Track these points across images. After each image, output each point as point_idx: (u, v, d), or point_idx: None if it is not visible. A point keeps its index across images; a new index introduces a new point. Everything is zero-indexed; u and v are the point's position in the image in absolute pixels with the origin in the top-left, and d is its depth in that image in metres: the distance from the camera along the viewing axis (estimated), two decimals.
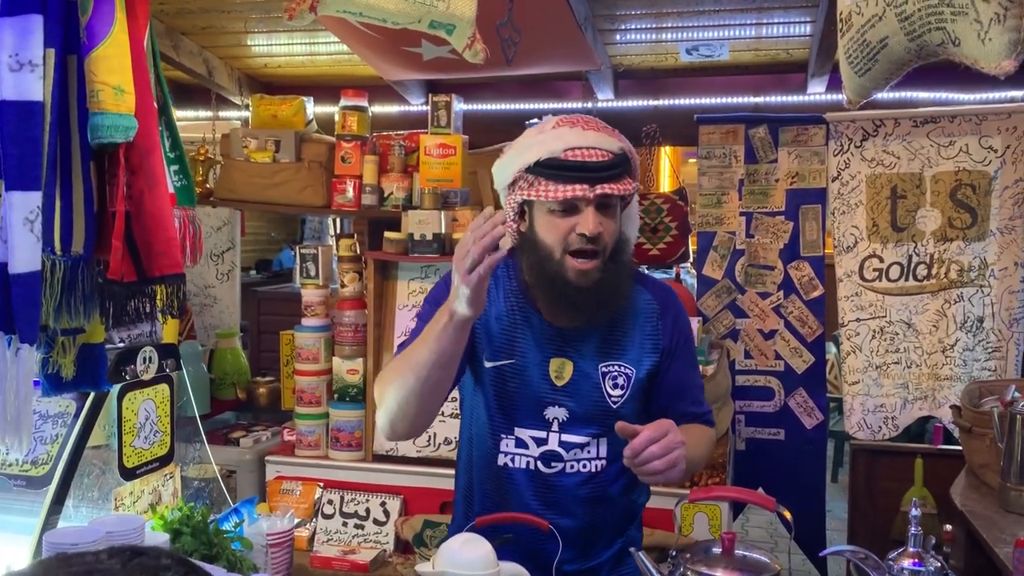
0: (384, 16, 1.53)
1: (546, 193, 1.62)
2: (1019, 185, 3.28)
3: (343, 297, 3.21)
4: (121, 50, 1.30)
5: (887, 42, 1.35)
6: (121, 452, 1.51)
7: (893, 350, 3.46)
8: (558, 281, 1.66)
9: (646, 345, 1.75)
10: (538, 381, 1.72)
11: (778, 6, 3.18)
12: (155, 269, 1.39)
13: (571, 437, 1.72)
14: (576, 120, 1.69)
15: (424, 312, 1.75)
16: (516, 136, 3.74)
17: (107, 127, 1.29)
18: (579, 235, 1.62)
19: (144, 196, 1.36)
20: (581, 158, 1.61)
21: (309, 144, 3.58)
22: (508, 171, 1.71)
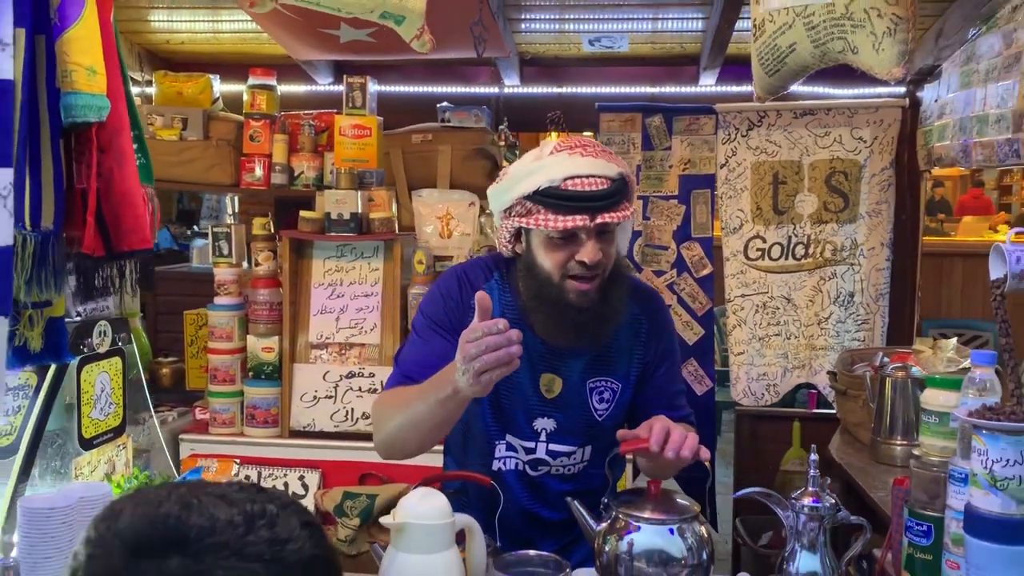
0: (340, 6, 1.61)
1: (546, 223, 1.61)
2: (885, 173, 3.63)
3: (257, 276, 3.24)
4: (92, 32, 1.34)
5: (795, 47, 1.55)
6: (80, 423, 1.54)
7: (774, 323, 3.77)
8: (559, 304, 1.68)
9: (633, 359, 1.82)
10: (529, 394, 1.78)
11: (674, 3, 3.40)
12: (124, 244, 1.43)
13: (558, 447, 1.80)
14: (575, 145, 1.68)
15: (419, 324, 1.78)
16: (428, 118, 3.84)
17: (81, 107, 1.32)
18: (579, 263, 1.65)
19: (114, 174, 1.40)
20: (581, 187, 1.60)
21: (217, 122, 3.57)
22: (506, 197, 1.70)
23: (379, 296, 3.20)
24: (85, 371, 1.57)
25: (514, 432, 1.80)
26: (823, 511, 1.62)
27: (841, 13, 1.43)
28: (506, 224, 1.73)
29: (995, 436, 1.34)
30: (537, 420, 1.80)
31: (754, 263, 3.78)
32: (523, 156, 1.75)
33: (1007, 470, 1.33)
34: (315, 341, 3.25)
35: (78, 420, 1.55)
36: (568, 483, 1.85)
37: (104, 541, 0.74)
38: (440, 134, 3.55)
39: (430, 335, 1.75)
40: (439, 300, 1.77)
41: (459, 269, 1.86)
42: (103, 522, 0.75)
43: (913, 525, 1.61)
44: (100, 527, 0.75)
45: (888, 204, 3.64)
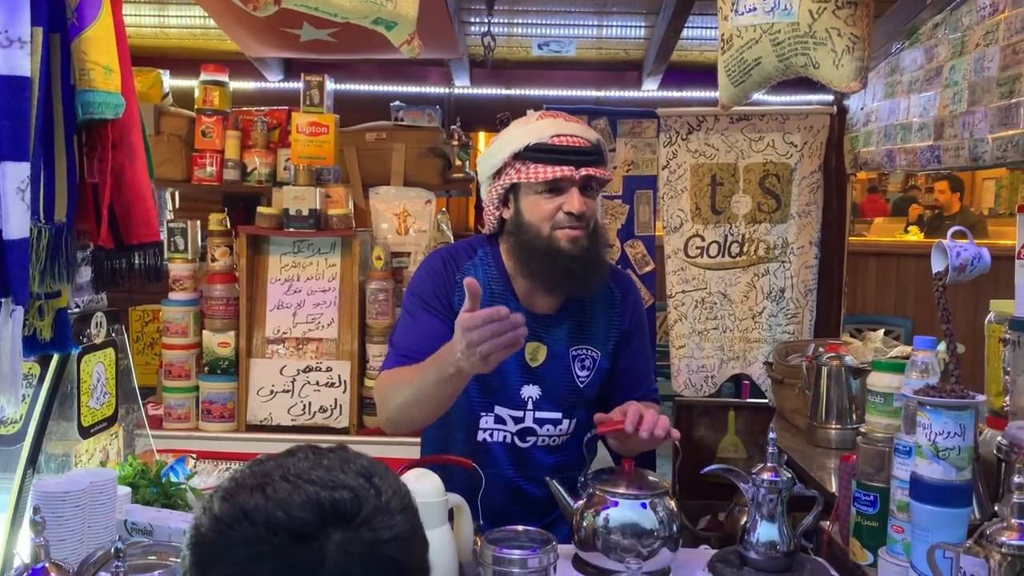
0: (336, 11, 1.68)
1: (535, 174, 1.75)
2: (814, 176, 3.86)
3: (213, 271, 3.25)
4: (108, 32, 1.38)
5: (760, 61, 1.70)
6: (79, 412, 1.58)
7: (712, 317, 3.97)
8: (552, 252, 1.79)
9: (611, 329, 1.96)
10: (514, 363, 1.88)
11: (618, 11, 3.55)
12: (134, 237, 1.48)
13: (544, 414, 1.91)
14: (557, 113, 1.86)
15: (409, 304, 1.87)
16: (379, 117, 3.90)
17: (98, 104, 1.37)
18: (566, 214, 1.78)
19: (125, 169, 1.45)
20: (567, 143, 1.77)
21: (168, 117, 3.56)
22: (496, 159, 1.84)
23: (336, 291, 3.26)
24: (84, 361, 1.61)
25: (502, 402, 1.90)
26: (781, 484, 1.77)
27: (805, 31, 1.59)
28: (495, 186, 1.85)
29: (938, 411, 1.51)
30: (524, 388, 1.91)
31: (693, 260, 3.97)
32: (510, 124, 1.90)
33: (948, 441, 1.51)
34: (272, 336, 3.28)
35: (77, 409, 1.58)
36: (553, 455, 1.96)
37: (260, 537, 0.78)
38: (394, 132, 3.62)
39: (420, 313, 1.85)
40: (426, 279, 1.88)
41: (443, 250, 1.98)
42: (243, 522, 0.79)
43: (861, 496, 1.78)
44: (243, 527, 0.78)
45: (817, 205, 3.87)
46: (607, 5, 3.46)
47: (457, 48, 3.42)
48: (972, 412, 1.51)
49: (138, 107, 1.55)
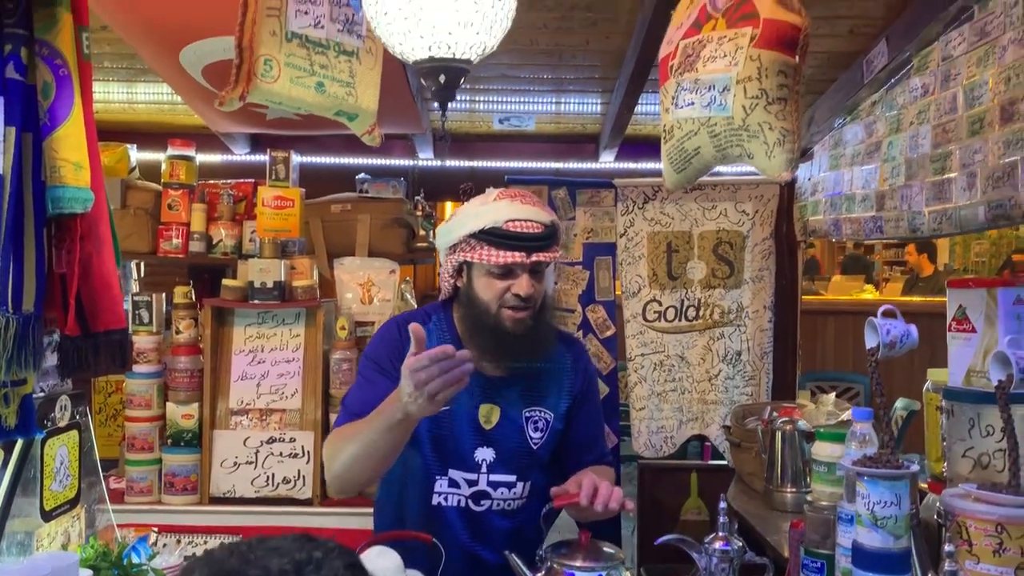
0: (300, 106, 1.76)
1: (488, 258, 1.84)
2: (766, 242, 4.00)
3: (178, 343, 3.27)
4: (79, 129, 1.45)
5: (700, 151, 1.81)
6: (42, 495, 1.59)
7: (670, 379, 4.05)
8: (496, 330, 1.88)
9: (562, 392, 2.03)
10: (469, 425, 1.94)
11: (574, 89, 3.71)
12: (100, 324, 1.52)
13: (498, 477, 1.96)
14: (515, 194, 1.93)
15: (364, 367, 1.93)
16: (345, 188, 3.98)
17: (68, 199, 1.42)
18: (514, 295, 1.87)
19: (92, 259, 1.50)
20: (520, 229, 1.85)
21: (135, 191, 3.61)
22: (453, 235, 1.93)
23: (300, 362, 3.29)
24: (48, 445, 1.63)
25: (456, 464, 1.95)
26: (732, 553, 1.83)
27: (739, 125, 1.70)
28: (451, 259, 1.94)
29: (875, 481, 1.59)
30: (478, 450, 1.95)
31: (651, 324, 4.07)
32: (470, 200, 1.98)
33: (886, 510, 1.58)
34: (235, 407, 3.29)
35: (40, 492, 1.60)
36: (508, 519, 2.00)
37: None
38: (359, 204, 3.70)
39: (374, 376, 1.91)
40: (381, 344, 1.95)
41: (398, 316, 2.08)
42: None
43: (808, 563, 1.85)
44: None
45: (769, 271, 4.00)
46: (564, 84, 3.61)
47: (420, 123, 3.53)
48: (907, 482, 1.59)
49: (106, 199, 1.60)
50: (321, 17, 1.76)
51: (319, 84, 1.79)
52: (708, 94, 1.74)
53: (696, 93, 1.77)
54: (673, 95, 1.85)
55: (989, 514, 1.58)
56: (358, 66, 1.87)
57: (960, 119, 2.55)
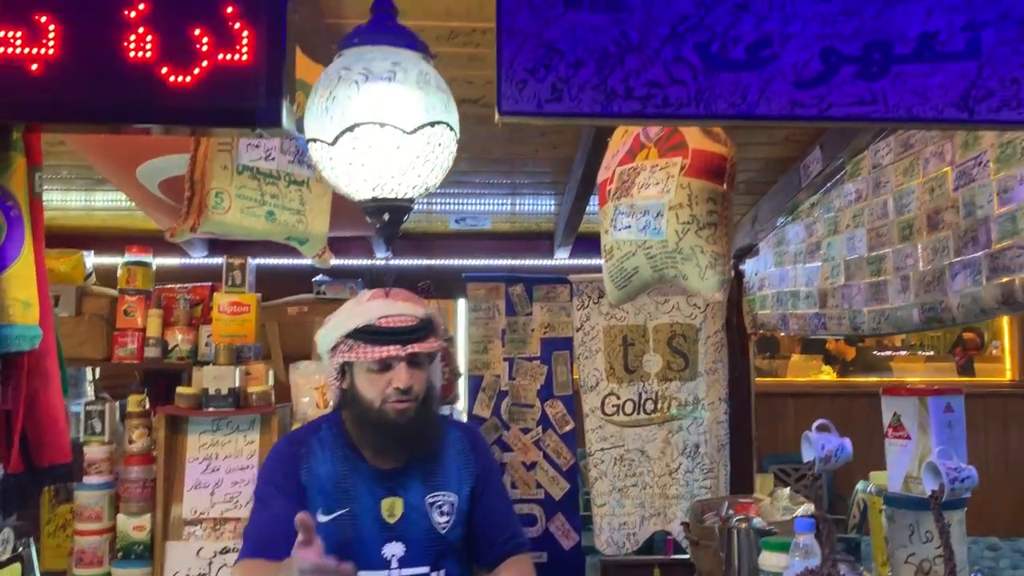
0: (251, 235, 1.81)
1: (365, 355, 1.91)
2: (718, 335, 4.08)
3: (131, 453, 3.22)
4: (29, 268, 1.48)
5: (638, 270, 1.89)
6: None
7: (631, 474, 4.07)
8: (381, 424, 1.94)
9: (463, 474, 2.06)
10: (372, 523, 1.95)
11: (528, 192, 3.82)
12: (45, 459, 1.52)
13: (410, 570, 1.95)
14: (388, 292, 2.03)
15: (260, 492, 1.95)
16: (302, 290, 4.00)
17: (16, 337, 1.44)
18: (395, 389, 1.93)
19: (39, 394, 1.51)
20: (393, 324, 1.93)
21: (90, 298, 3.61)
22: (330, 338, 2.00)
23: (255, 469, 3.25)
24: None
25: (365, 566, 1.91)
26: None
27: (673, 248, 1.78)
28: (332, 362, 2.00)
29: None
30: (385, 547, 1.95)
31: (610, 418, 4.10)
32: (344, 304, 2.07)
33: None
34: (189, 517, 3.23)
35: None
36: None
37: None
38: (316, 306, 3.72)
39: (269, 498, 1.92)
40: (274, 465, 1.99)
41: (288, 435, 2.14)
42: None
43: None
44: None
45: (723, 363, 4.07)
46: (518, 187, 3.72)
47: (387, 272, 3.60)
48: None
49: (55, 333, 1.62)
50: (272, 150, 1.83)
51: (269, 213, 1.85)
52: (643, 219, 1.83)
53: (632, 217, 1.86)
54: (612, 218, 1.93)
55: None
56: (308, 194, 1.93)
57: (891, 224, 2.67)
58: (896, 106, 1.50)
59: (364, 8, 1.58)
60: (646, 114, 1.48)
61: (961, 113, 1.51)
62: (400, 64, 1.42)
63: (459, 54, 2.36)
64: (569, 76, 1.47)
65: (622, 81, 1.47)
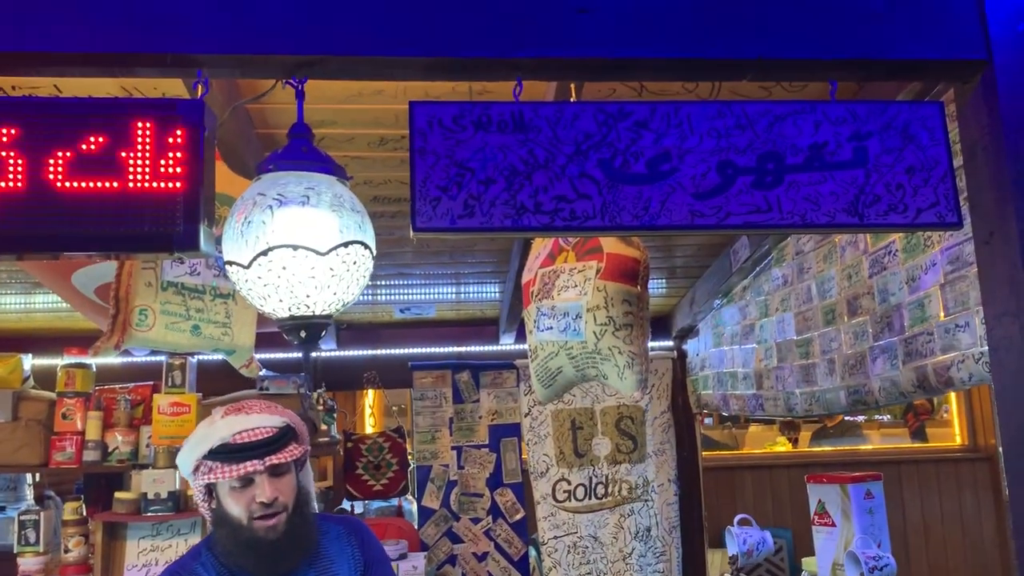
0: (177, 348, 1.82)
1: (224, 473, 1.88)
2: (664, 416, 4.12)
3: (67, 563, 3.14)
4: None
5: (562, 370, 1.93)
6: None
7: (585, 562, 4.04)
8: (252, 543, 1.89)
9: (353, 560, 2.06)
10: None
11: (473, 281, 3.87)
12: None
13: None
14: (241, 407, 1.99)
15: None
16: (246, 385, 3.98)
17: None
18: (259, 503, 1.88)
19: None
20: (249, 439, 1.90)
21: (27, 403, 3.54)
22: (188, 460, 1.96)
23: None
24: None
25: None
26: None
27: (592, 349, 1.83)
28: (196, 485, 1.96)
29: None
30: None
31: (562, 504, 4.09)
32: (199, 425, 2.01)
33: None
34: None
35: None
36: None
37: None
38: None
39: None
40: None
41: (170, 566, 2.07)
42: None
43: None
44: None
45: (670, 444, 4.11)
46: (461, 276, 3.78)
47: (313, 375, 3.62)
48: None
49: None
50: (197, 265, 1.85)
51: (195, 327, 1.86)
52: (564, 320, 1.88)
53: (554, 319, 1.91)
54: (535, 318, 1.98)
55: None
56: (234, 306, 1.95)
57: (816, 308, 2.76)
58: (791, 213, 1.58)
59: (293, 120, 1.63)
60: (554, 227, 1.54)
61: (852, 218, 1.59)
62: (314, 188, 1.47)
63: (390, 157, 2.43)
64: (480, 193, 1.54)
65: (531, 196, 1.54)
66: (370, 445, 4.11)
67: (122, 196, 1.44)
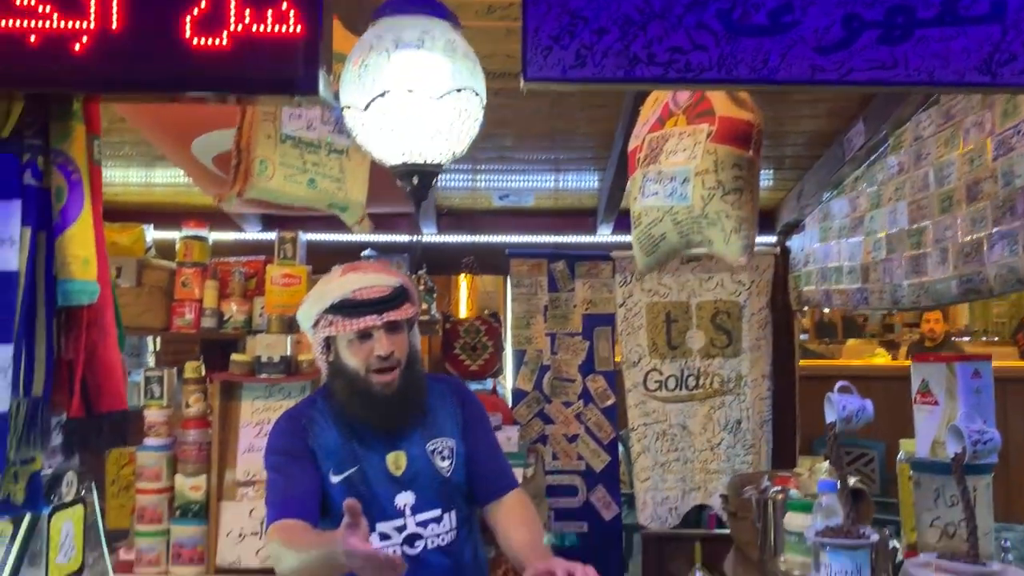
0: (294, 201, 1.90)
1: (344, 327, 1.99)
2: (762, 312, 4.08)
3: (188, 417, 3.37)
4: (88, 227, 1.59)
5: (665, 237, 1.93)
6: (47, 568, 1.69)
7: (673, 449, 4.10)
8: (367, 395, 2.02)
9: (455, 417, 2.17)
10: (381, 478, 2.05)
11: (572, 168, 3.86)
12: (103, 406, 1.64)
13: (423, 515, 2.05)
14: (358, 266, 2.10)
15: (273, 463, 2.04)
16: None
17: (76, 292, 1.56)
18: (376, 356, 2.00)
19: (97, 346, 1.63)
20: (368, 295, 2.01)
21: (150, 270, 3.76)
22: (310, 315, 2.08)
23: None
24: (54, 520, 1.73)
25: (381, 518, 2.02)
26: None
27: (698, 213, 1.82)
28: (316, 338, 2.08)
29: (836, 551, 1.66)
30: (396, 497, 2.04)
31: (653, 394, 4.14)
32: (318, 282, 2.12)
33: None
34: (242, 479, 3.37)
35: (46, 565, 1.70)
36: (444, 556, 2.06)
37: None
38: None
39: (283, 465, 2.01)
40: (279, 436, 2.08)
41: (287, 411, 2.21)
42: None
43: None
44: None
45: (767, 340, 4.08)
46: (560, 164, 3.77)
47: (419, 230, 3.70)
48: (866, 551, 1.65)
49: (112, 288, 1.74)
50: (313, 120, 1.91)
51: (311, 181, 1.93)
52: (670, 185, 1.87)
53: (660, 184, 1.90)
54: (640, 185, 1.98)
55: None
56: (348, 163, 2.01)
57: (932, 196, 2.66)
58: (918, 70, 1.51)
59: None
60: (668, 79, 1.52)
61: (984, 76, 1.52)
62: (429, 32, 1.48)
63: (497, 28, 2.41)
64: (593, 43, 1.53)
65: (645, 47, 1.52)
66: (467, 328, 4.22)
67: (246, 39, 1.49)
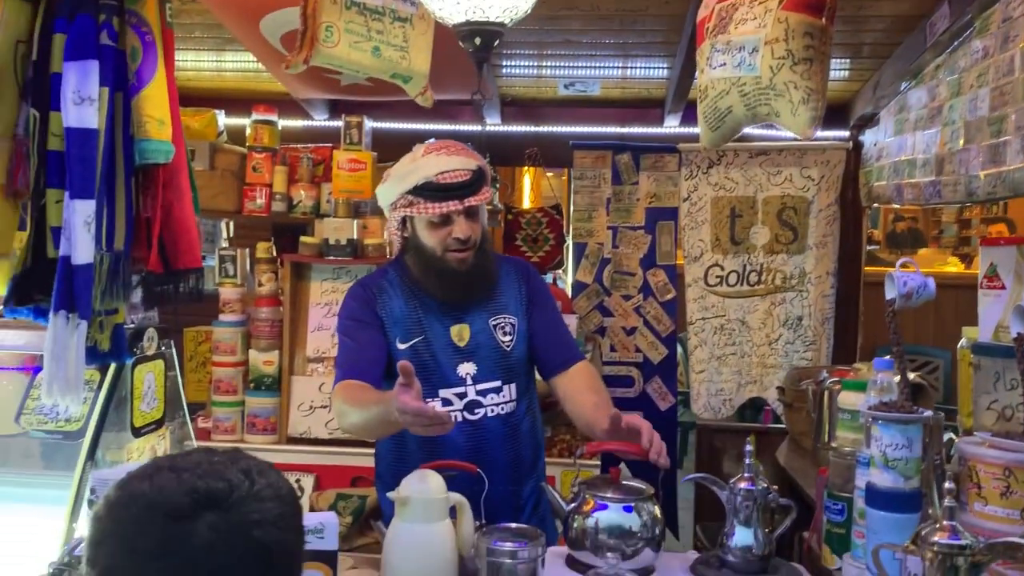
0: (359, 69, 1.92)
1: (426, 210, 2.05)
2: (831, 208, 4.00)
3: (260, 295, 3.51)
4: (162, 90, 1.65)
5: (731, 110, 1.89)
6: (132, 414, 1.82)
7: (731, 343, 4.12)
8: (445, 272, 2.10)
9: (519, 296, 2.24)
10: (445, 347, 2.14)
11: (640, 53, 3.77)
12: (180, 263, 1.73)
13: (484, 385, 2.15)
14: (441, 146, 2.12)
15: (344, 327, 2.14)
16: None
17: (152, 151, 1.62)
18: (455, 239, 2.07)
19: (173, 205, 1.70)
20: (451, 180, 2.04)
21: (222, 154, 3.86)
22: (391, 194, 2.14)
23: None
24: (137, 370, 1.86)
25: (443, 384, 2.13)
26: (756, 493, 1.94)
27: (766, 84, 1.77)
28: (394, 215, 2.15)
29: (887, 425, 1.67)
30: (459, 367, 2.14)
31: (713, 289, 4.13)
32: (401, 160, 2.17)
33: (897, 452, 1.66)
34: (312, 355, 3.52)
35: (130, 411, 1.83)
36: (503, 425, 2.17)
37: (141, 517, 0.90)
38: None
39: (355, 331, 2.11)
40: (353, 303, 2.16)
41: (360, 279, 2.32)
42: (130, 505, 0.92)
43: (831, 505, 1.94)
44: (129, 509, 0.91)
45: (833, 237, 4.01)
46: (628, 48, 3.68)
47: (488, 89, 3.67)
48: (918, 426, 1.67)
49: (186, 152, 1.80)
50: None
51: (375, 48, 1.94)
52: (738, 55, 1.82)
53: (728, 54, 1.85)
54: (708, 56, 1.93)
55: (998, 459, 1.65)
56: (411, 31, 2.01)
57: (1016, 81, 2.54)
58: None
59: None
60: None
61: None
62: None
63: None
64: None
65: None
66: (529, 219, 4.25)
67: None
